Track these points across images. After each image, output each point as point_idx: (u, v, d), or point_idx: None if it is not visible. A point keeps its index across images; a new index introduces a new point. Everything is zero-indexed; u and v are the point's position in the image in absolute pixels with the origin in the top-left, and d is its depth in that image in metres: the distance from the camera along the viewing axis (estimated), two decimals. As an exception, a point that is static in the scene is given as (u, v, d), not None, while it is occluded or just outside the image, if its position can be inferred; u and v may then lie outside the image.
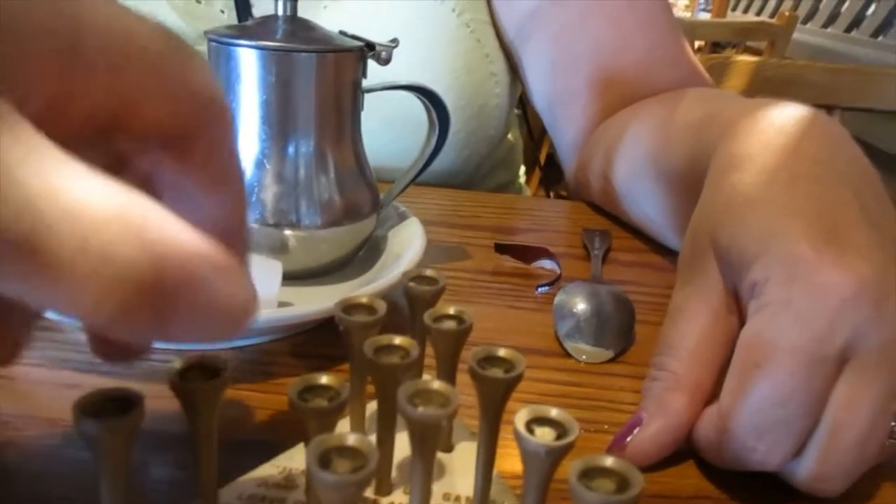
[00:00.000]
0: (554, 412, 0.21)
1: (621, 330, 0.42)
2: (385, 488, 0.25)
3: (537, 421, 0.21)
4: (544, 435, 0.20)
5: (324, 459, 0.18)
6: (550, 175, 0.87)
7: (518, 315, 0.45)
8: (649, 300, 0.47)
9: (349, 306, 0.26)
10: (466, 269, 0.51)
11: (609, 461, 0.19)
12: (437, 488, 0.26)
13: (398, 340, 0.24)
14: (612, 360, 0.40)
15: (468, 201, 0.65)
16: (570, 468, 0.19)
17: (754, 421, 0.28)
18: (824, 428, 0.28)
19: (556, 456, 0.20)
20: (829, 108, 0.96)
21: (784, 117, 0.36)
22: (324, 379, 0.22)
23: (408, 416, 0.20)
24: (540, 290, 0.48)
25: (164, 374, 0.23)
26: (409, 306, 0.28)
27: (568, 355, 0.41)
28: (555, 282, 0.49)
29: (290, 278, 0.43)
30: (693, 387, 0.31)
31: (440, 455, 0.27)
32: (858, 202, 0.31)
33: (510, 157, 0.84)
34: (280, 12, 0.42)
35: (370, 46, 0.44)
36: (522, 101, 0.83)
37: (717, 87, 0.70)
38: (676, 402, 0.31)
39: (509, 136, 0.83)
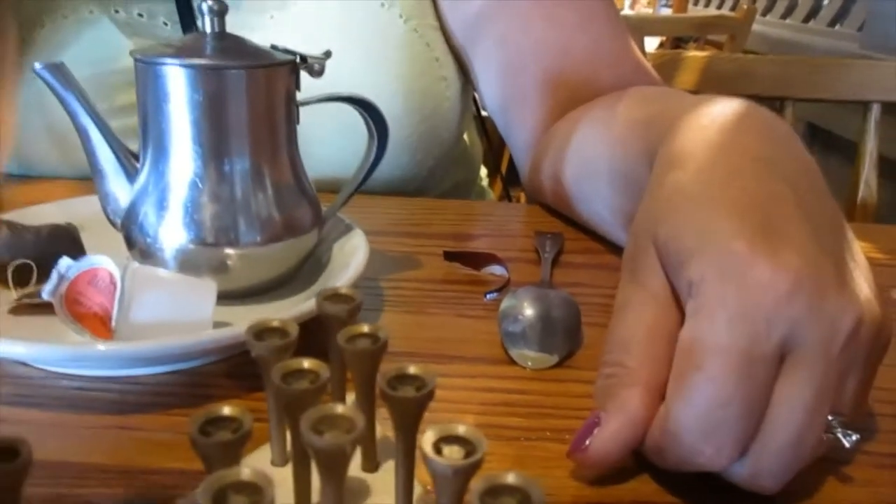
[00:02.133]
0: (462, 429, 0.20)
1: (568, 334, 0.42)
2: (305, 514, 0.24)
3: (445, 440, 0.20)
4: (452, 453, 0.20)
5: (219, 496, 0.17)
6: (512, 179, 0.87)
7: (466, 323, 0.45)
8: (600, 301, 0.47)
9: (261, 330, 0.25)
10: (416, 278, 0.50)
11: (510, 478, 0.18)
12: (361, 511, 0.25)
13: (307, 364, 0.23)
14: (558, 365, 0.40)
15: (421, 209, 0.64)
16: (471, 488, 0.18)
17: (698, 424, 0.28)
18: (764, 426, 0.28)
19: (464, 474, 0.20)
20: (782, 100, 0.96)
21: (725, 114, 0.36)
22: (226, 410, 0.21)
23: (310, 446, 0.19)
24: (489, 296, 0.48)
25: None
26: (325, 326, 0.27)
27: (514, 362, 0.40)
28: (503, 287, 0.49)
29: (231, 297, 0.43)
30: (647, 381, 0.31)
31: (365, 476, 0.27)
32: (795, 197, 0.31)
33: (465, 156, 0.84)
34: (208, 29, 0.42)
35: (302, 59, 0.43)
36: (478, 107, 0.83)
37: (665, 84, 0.70)
38: (633, 397, 0.30)
39: (467, 137, 0.83)
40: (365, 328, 0.25)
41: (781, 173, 0.32)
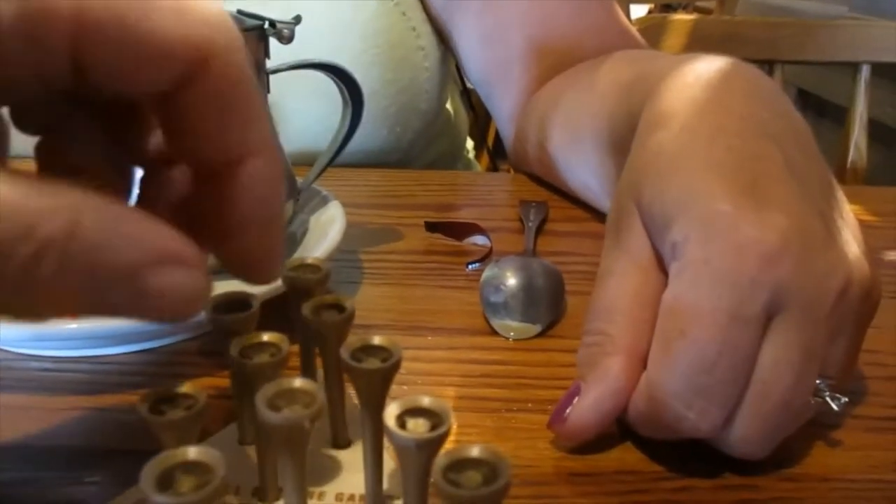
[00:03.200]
0: (427, 401, 0.19)
1: (550, 304, 0.41)
2: (271, 494, 0.23)
3: (410, 412, 0.19)
4: (417, 427, 0.19)
5: (165, 478, 0.16)
6: (500, 151, 0.85)
7: (447, 294, 0.44)
8: (584, 270, 0.46)
9: (223, 303, 0.24)
10: (397, 250, 0.49)
11: (476, 451, 0.17)
12: (331, 488, 0.24)
13: (267, 337, 0.22)
14: (541, 335, 0.39)
15: (403, 180, 0.63)
16: (434, 463, 0.17)
17: (682, 388, 0.27)
18: (751, 390, 0.27)
19: (429, 448, 0.18)
20: (771, 63, 0.95)
21: (709, 72, 0.35)
22: (182, 388, 0.20)
23: (266, 422, 0.18)
24: (470, 267, 0.47)
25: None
26: (291, 297, 0.26)
27: (496, 333, 0.39)
28: (486, 258, 0.47)
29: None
30: (630, 349, 0.30)
31: (335, 452, 0.26)
32: (782, 155, 0.30)
33: (448, 127, 0.82)
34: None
35: (271, 24, 0.42)
36: (463, 79, 0.81)
37: (651, 49, 0.69)
38: (615, 366, 0.29)
39: (450, 107, 0.81)
40: (330, 299, 0.24)
41: (768, 131, 0.31)
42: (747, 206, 0.27)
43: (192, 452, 0.17)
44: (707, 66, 0.36)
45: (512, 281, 0.42)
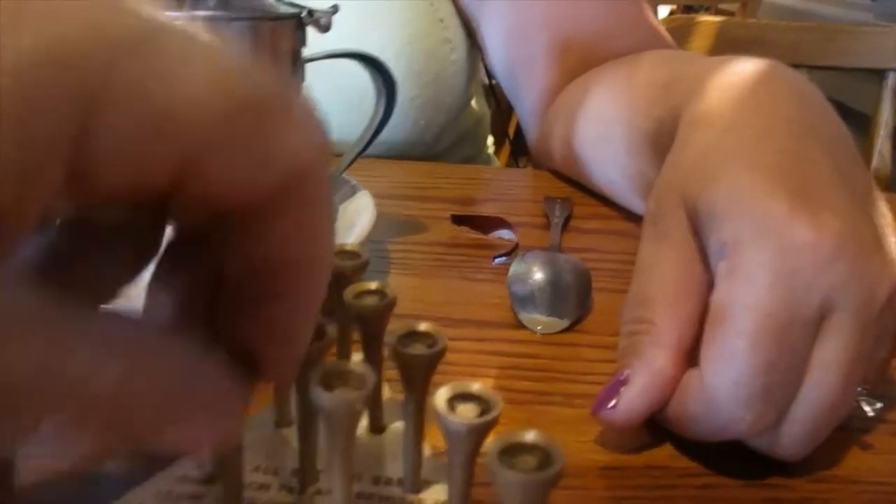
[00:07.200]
0: (476, 387, 0.19)
1: (577, 299, 0.41)
2: (311, 476, 0.23)
3: (459, 397, 0.19)
4: (466, 412, 0.19)
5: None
6: (519, 146, 0.85)
7: (473, 287, 0.44)
8: (609, 267, 0.46)
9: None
10: (422, 241, 0.50)
11: (530, 436, 0.17)
12: (368, 472, 0.24)
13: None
14: (567, 330, 0.39)
15: (428, 174, 0.63)
16: (489, 446, 0.17)
17: (740, 392, 0.27)
18: (803, 392, 0.27)
19: (478, 433, 0.19)
20: (795, 67, 0.94)
21: (752, 73, 0.35)
22: None
23: (317, 402, 0.18)
24: (496, 260, 0.47)
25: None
26: (331, 282, 0.26)
27: (523, 326, 0.39)
28: (511, 252, 0.48)
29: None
30: (675, 341, 0.29)
31: (371, 438, 0.26)
32: (830, 158, 0.30)
33: (477, 129, 0.82)
34: (211, -20, 0.40)
35: (309, 13, 0.42)
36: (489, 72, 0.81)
37: (679, 49, 0.69)
38: (661, 357, 0.29)
39: (475, 106, 0.81)
40: (372, 285, 0.24)
41: (814, 134, 0.31)
42: (801, 207, 0.27)
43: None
44: (748, 68, 0.36)
45: (539, 275, 0.42)
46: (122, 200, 0.17)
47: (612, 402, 0.29)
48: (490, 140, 0.94)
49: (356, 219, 0.44)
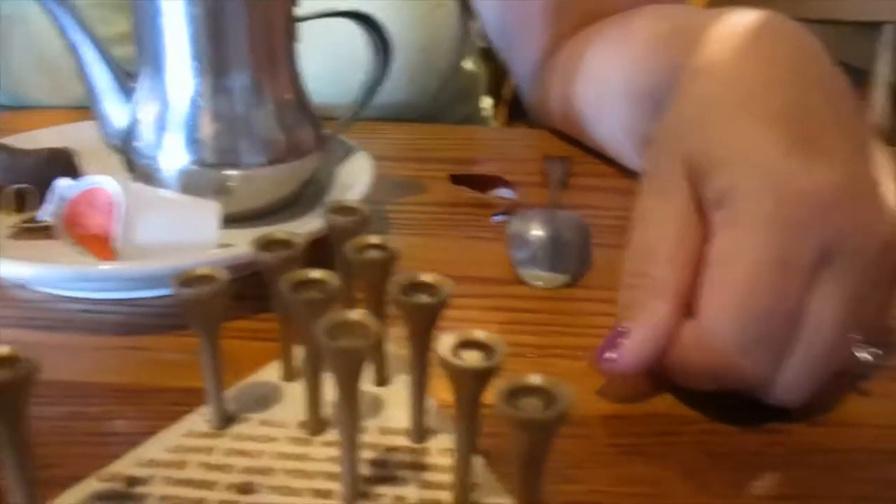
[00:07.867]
0: (480, 335, 0.20)
1: (578, 254, 0.41)
2: (317, 427, 0.24)
3: (465, 345, 0.20)
4: (471, 358, 0.19)
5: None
6: (518, 110, 0.85)
7: (474, 245, 0.44)
8: (609, 223, 0.45)
9: (267, 243, 0.24)
10: (422, 201, 0.50)
11: (536, 379, 0.18)
12: (374, 423, 0.25)
13: (316, 274, 0.22)
14: (568, 286, 0.39)
15: (426, 135, 0.63)
16: (496, 390, 0.18)
17: (740, 337, 0.27)
18: (800, 338, 0.27)
19: (483, 378, 0.19)
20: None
21: (754, 25, 0.35)
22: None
23: (327, 350, 0.19)
24: (496, 218, 0.47)
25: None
26: (332, 239, 0.26)
27: (524, 283, 0.40)
28: (511, 210, 0.48)
29: (234, 220, 0.42)
30: (674, 292, 0.30)
31: (376, 390, 0.26)
32: (830, 109, 0.30)
33: (472, 88, 0.82)
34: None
35: (302, -29, 0.41)
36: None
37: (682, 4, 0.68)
38: (661, 308, 0.29)
39: (471, 66, 0.81)
40: (374, 240, 0.25)
41: (815, 84, 0.31)
42: (800, 157, 0.27)
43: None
44: (750, 19, 0.35)
45: (540, 232, 0.42)
46: None
47: (614, 353, 0.30)
48: (489, 102, 0.93)
49: (355, 179, 0.44)
